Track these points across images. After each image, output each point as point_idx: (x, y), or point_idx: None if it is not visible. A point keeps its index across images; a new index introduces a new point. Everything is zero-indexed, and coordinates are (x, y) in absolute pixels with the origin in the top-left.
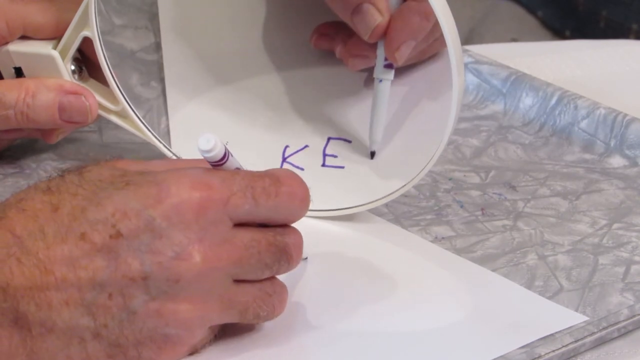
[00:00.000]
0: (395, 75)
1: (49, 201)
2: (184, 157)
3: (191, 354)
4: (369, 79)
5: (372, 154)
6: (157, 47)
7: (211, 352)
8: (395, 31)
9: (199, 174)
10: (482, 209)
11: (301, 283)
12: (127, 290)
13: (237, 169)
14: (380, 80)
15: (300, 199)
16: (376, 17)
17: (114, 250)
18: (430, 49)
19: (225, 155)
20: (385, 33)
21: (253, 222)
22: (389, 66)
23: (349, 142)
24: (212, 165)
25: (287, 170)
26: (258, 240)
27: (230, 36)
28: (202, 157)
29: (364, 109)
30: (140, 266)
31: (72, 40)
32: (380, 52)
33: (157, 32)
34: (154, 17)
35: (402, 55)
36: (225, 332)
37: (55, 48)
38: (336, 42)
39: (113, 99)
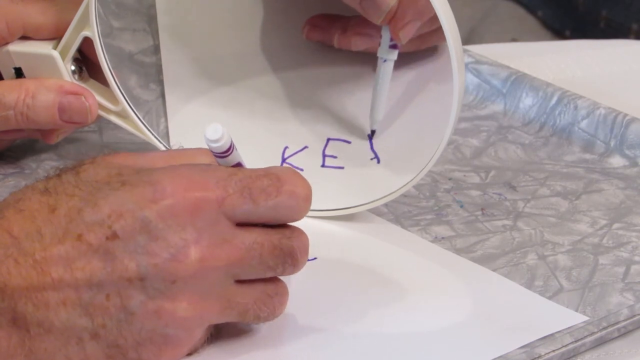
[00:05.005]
0: (395, 76)
1: (46, 202)
2: None
3: (190, 354)
4: (369, 78)
5: (372, 133)
6: (156, 49)
7: (211, 352)
8: (402, 11)
9: (195, 174)
10: (482, 209)
11: (301, 283)
12: (124, 291)
13: (239, 163)
14: (385, 60)
15: (302, 197)
16: (389, 1)
17: (110, 251)
18: (431, 38)
19: (231, 148)
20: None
21: (254, 222)
22: (393, 47)
23: (349, 142)
24: (215, 156)
25: (288, 168)
26: (261, 242)
27: (228, 37)
28: (208, 147)
29: (363, 110)
30: (136, 267)
31: (72, 41)
32: (386, 33)
33: (155, 34)
34: (152, 20)
35: (407, 35)
36: (223, 332)
37: (55, 48)
38: (330, 33)
39: (113, 99)
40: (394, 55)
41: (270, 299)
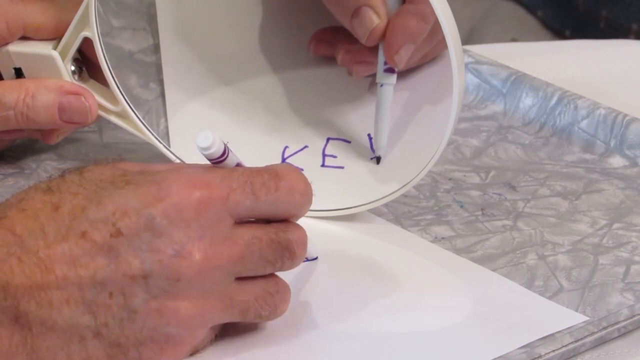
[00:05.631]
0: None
1: (49, 201)
2: (183, 157)
3: (192, 354)
4: (373, 83)
5: (378, 159)
6: (156, 48)
7: (212, 352)
8: (394, 34)
9: (199, 173)
10: (482, 209)
11: (301, 283)
12: (127, 289)
13: (238, 164)
14: (382, 85)
15: (301, 192)
16: (374, 19)
17: (115, 248)
18: (433, 52)
19: (225, 152)
20: (383, 37)
21: (254, 217)
22: (390, 70)
23: (348, 142)
24: (213, 163)
25: (287, 164)
26: (259, 237)
27: (229, 38)
28: (202, 155)
29: (363, 110)
30: (140, 265)
31: (72, 41)
32: (381, 57)
33: (155, 33)
34: (152, 19)
35: (402, 59)
36: (227, 331)
37: (55, 48)
38: (336, 48)
39: (113, 99)
40: (391, 79)
41: (272, 296)
